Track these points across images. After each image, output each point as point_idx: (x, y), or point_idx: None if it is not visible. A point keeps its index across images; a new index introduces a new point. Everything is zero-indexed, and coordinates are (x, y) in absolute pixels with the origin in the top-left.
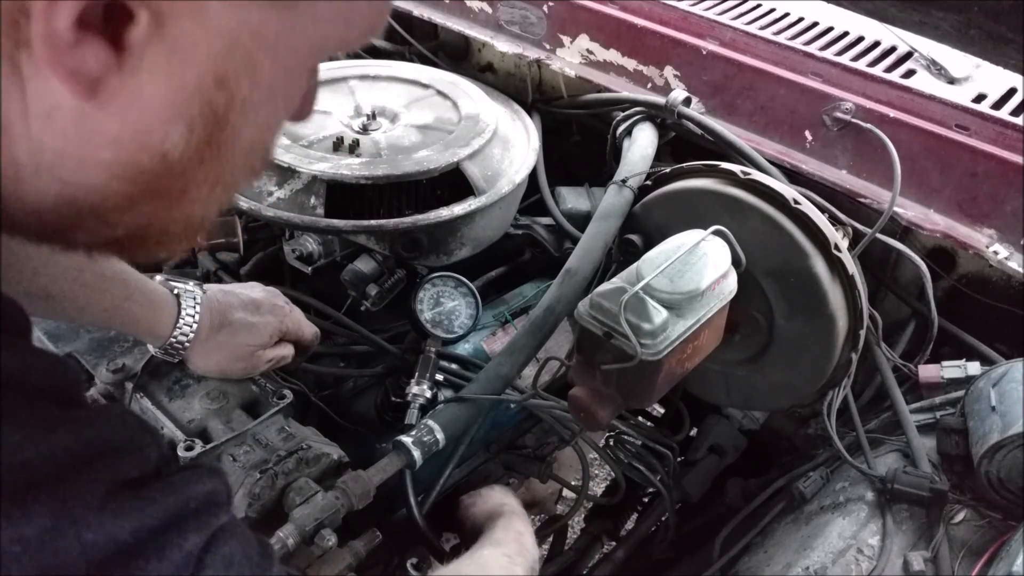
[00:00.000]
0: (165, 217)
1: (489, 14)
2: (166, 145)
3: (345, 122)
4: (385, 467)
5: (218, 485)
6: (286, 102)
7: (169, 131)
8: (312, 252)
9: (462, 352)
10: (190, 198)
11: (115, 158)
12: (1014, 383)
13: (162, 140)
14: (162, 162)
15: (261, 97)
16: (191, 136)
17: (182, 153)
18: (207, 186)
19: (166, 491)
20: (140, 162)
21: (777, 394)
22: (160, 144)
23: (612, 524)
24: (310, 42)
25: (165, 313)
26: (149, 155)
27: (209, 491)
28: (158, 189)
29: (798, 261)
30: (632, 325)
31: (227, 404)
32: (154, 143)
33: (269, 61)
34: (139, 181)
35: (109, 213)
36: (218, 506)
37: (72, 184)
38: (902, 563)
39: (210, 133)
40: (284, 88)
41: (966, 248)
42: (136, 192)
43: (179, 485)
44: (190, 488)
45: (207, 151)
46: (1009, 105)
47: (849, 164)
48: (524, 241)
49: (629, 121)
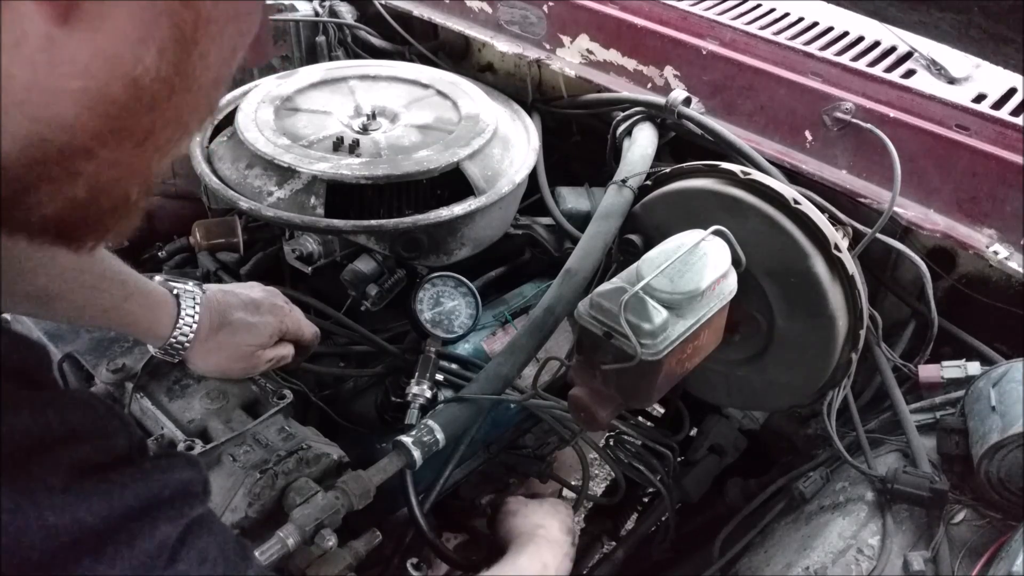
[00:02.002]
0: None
1: (489, 14)
2: (137, 70)
3: (345, 122)
4: (385, 467)
5: (194, 475)
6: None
7: (140, 54)
8: (312, 252)
9: (462, 352)
10: (153, 143)
11: (85, 87)
12: (1014, 383)
13: (133, 64)
14: (133, 90)
15: (224, 14)
16: (161, 61)
17: (152, 80)
18: (170, 128)
19: (137, 477)
20: (111, 90)
21: (777, 394)
22: (132, 69)
23: (612, 524)
24: None
25: (165, 313)
26: (121, 82)
27: (184, 480)
28: (125, 126)
29: (798, 261)
30: (632, 325)
31: (227, 404)
32: (125, 68)
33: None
34: (109, 113)
35: (75, 156)
36: (193, 496)
37: (41, 121)
38: (902, 563)
39: (180, 58)
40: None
41: (966, 248)
42: (104, 128)
43: (151, 472)
44: (164, 476)
45: (176, 80)
46: (1009, 105)
47: (849, 164)
48: (524, 241)
49: (629, 121)
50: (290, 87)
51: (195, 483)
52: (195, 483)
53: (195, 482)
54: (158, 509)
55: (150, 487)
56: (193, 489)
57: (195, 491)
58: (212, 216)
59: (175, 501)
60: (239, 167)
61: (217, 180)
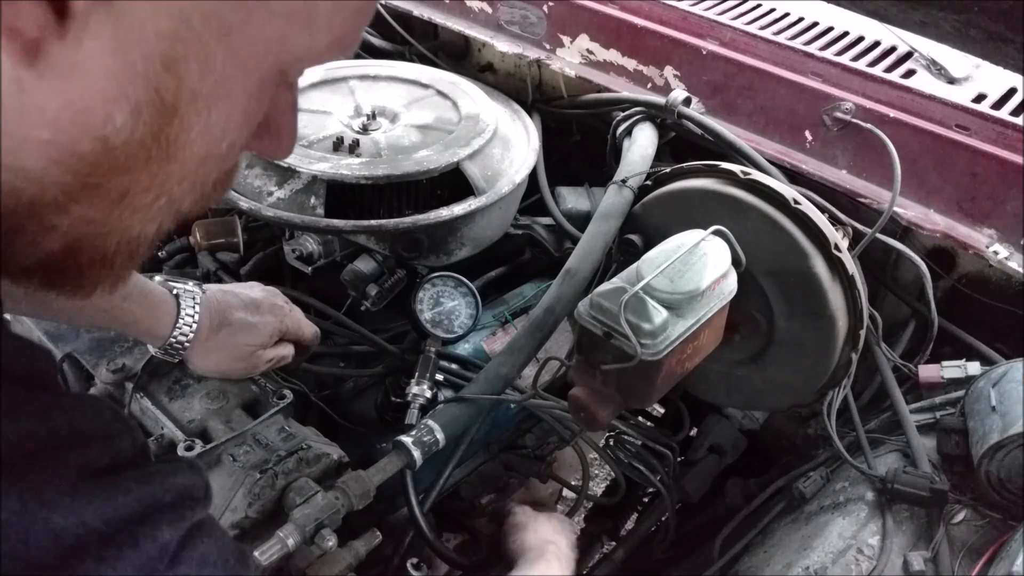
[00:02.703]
0: (101, 226)
1: (489, 14)
2: (108, 128)
3: (345, 122)
4: (385, 467)
5: (196, 480)
6: (245, 109)
7: (112, 112)
8: (312, 252)
9: (462, 352)
10: (130, 204)
11: (53, 139)
12: (1014, 383)
13: (104, 122)
14: (104, 149)
15: (213, 92)
16: (136, 123)
17: (125, 142)
18: (151, 193)
19: (140, 481)
20: (80, 146)
21: (777, 394)
22: (102, 127)
23: (612, 524)
24: (267, 38)
25: (164, 313)
26: (90, 138)
27: (186, 485)
28: (97, 184)
29: (798, 261)
30: (632, 325)
31: (227, 404)
32: (95, 125)
33: (222, 50)
34: (78, 170)
35: (47, 210)
36: (195, 501)
37: (11, 169)
38: (902, 563)
39: (158, 125)
40: (241, 88)
41: (966, 248)
42: (74, 184)
43: (154, 476)
44: (166, 480)
45: (154, 148)
46: (1009, 105)
47: (849, 164)
48: (524, 241)
49: (629, 121)
50: None
51: (197, 488)
52: (197, 488)
53: (197, 487)
54: (160, 513)
55: (153, 491)
56: (195, 494)
57: (197, 496)
58: (212, 216)
59: (177, 505)
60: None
61: None
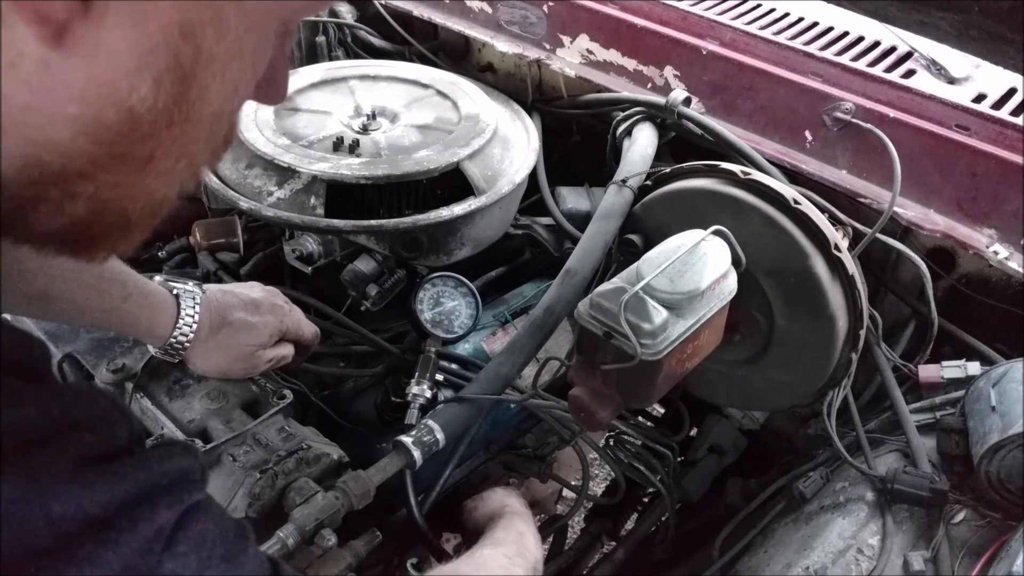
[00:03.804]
0: (127, 190)
1: (489, 14)
2: (133, 99)
3: (345, 122)
4: (385, 467)
5: (191, 463)
6: (253, 63)
7: (136, 84)
8: (312, 252)
9: (462, 352)
10: (155, 169)
11: (80, 112)
12: (1014, 383)
13: (128, 93)
14: (129, 118)
15: (228, 52)
16: (158, 91)
17: (149, 109)
18: (172, 156)
19: (137, 466)
20: (106, 118)
21: (777, 394)
22: (127, 97)
23: (612, 524)
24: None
25: (164, 314)
26: (116, 110)
27: (182, 468)
28: (124, 152)
29: (798, 261)
30: (632, 325)
31: (227, 404)
32: (120, 96)
33: (234, 12)
34: (105, 140)
35: (73, 179)
36: (191, 483)
37: (38, 143)
38: (902, 563)
39: (178, 90)
40: (250, 45)
41: (966, 248)
42: (101, 154)
43: (151, 461)
44: (163, 464)
45: (175, 111)
46: (1009, 105)
47: (849, 164)
48: (524, 241)
49: (629, 121)
50: (290, 87)
51: (193, 470)
52: (193, 470)
53: (193, 469)
54: (158, 496)
55: (150, 475)
56: (191, 476)
57: (193, 478)
58: (212, 216)
59: (174, 488)
60: (239, 167)
61: (217, 180)
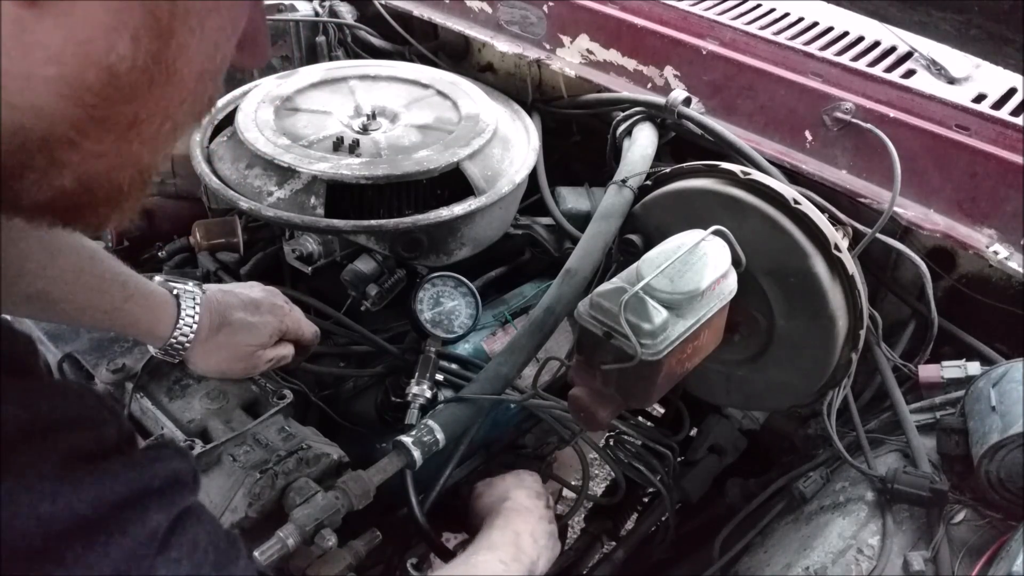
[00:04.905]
0: (113, 160)
1: (489, 14)
2: (111, 57)
3: (345, 122)
4: (385, 467)
5: (184, 466)
6: (232, 18)
7: (113, 41)
8: (312, 252)
9: (462, 352)
10: (139, 133)
11: (60, 74)
12: (1014, 383)
13: (107, 51)
14: (109, 78)
15: (204, 6)
16: (137, 49)
17: (129, 68)
18: (157, 120)
19: (128, 467)
20: (86, 78)
21: (777, 394)
22: (105, 56)
23: (612, 524)
24: None
25: (165, 314)
26: (95, 69)
27: (174, 470)
28: (106, 116)
29: (798, 261)
30: (632, 325)
31: (227, 404)
32: (99, 55)
33: None
34: (87, 102)
35: (57, 146)
36: (183, 486)
37: (20, 108)
38: (902, 563)
39: (157, 47)
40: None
41: (966, 248)
42: (84, 117)
43: (142, 462)
44: (154, 466)
45: (156, 71)
46: (1009, 105)
47: (849, 164)
48: (524, 241)
49: (629, 121)
50: (290, 87)
51: (185, 473)
52: (185, 473)
53: (185, 472)
54: (149, 498)
55: (141, 476)
56: (183, 479)
57: (185, 481)
58: (212, 216)
59: (166, 491)
60: (239, 167)
61: (217, 180)
